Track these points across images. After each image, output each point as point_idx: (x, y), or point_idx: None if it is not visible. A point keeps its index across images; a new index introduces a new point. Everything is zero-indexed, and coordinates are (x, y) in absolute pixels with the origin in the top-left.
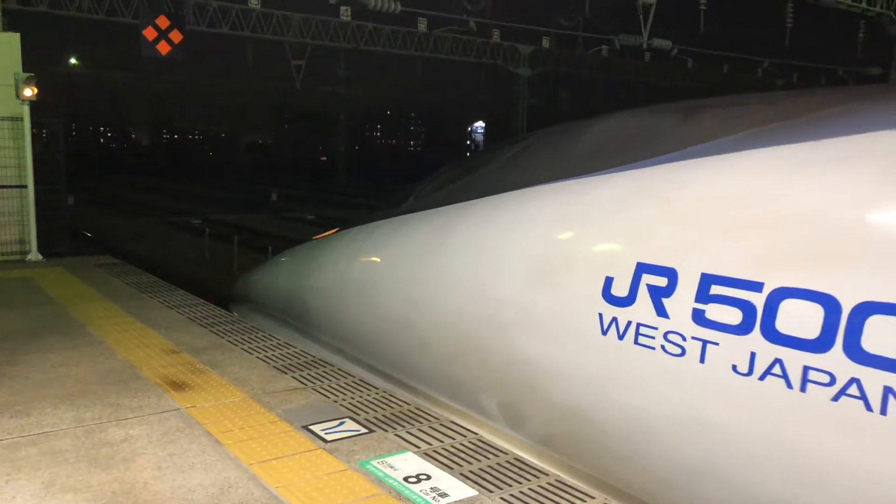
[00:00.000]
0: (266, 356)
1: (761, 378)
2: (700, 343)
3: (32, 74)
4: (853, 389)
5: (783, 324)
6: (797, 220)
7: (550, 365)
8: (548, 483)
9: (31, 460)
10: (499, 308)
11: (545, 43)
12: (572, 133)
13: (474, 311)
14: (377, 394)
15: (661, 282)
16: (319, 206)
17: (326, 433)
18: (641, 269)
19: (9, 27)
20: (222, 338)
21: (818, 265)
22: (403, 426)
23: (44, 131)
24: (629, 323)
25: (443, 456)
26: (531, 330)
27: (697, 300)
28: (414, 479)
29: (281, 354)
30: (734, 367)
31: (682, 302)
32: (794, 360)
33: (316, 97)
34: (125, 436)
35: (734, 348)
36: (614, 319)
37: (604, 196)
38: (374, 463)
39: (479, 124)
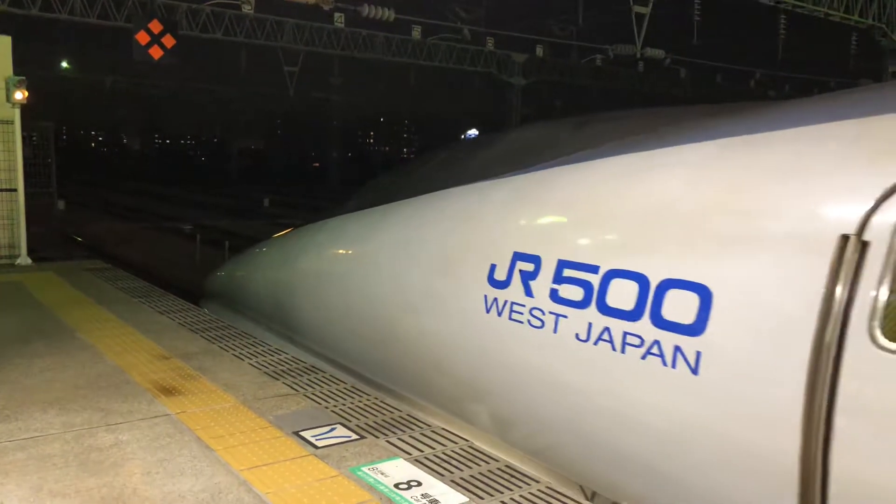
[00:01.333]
0: (257, 362)
1: (595, 343)
2: (554, 317)
3: (23, 78)
4: (655, 349)
5: (611, 299)
6: (623, 216)
7: (449, 341)
8: (538, 490)
9: (19, 465)
10: (412, 295)
11: (539, 52)
12: (485, 143)
13: (395, 300)
14: (368, 400)
15: (530, 267)
16: (312, 212)
17: (317, 439)
18: (516, 257)
19: None
20: (213, 343)
21: (635, 250)
22: (394, 433)
23: (34, 135)
24: (505, 302)
25: (434, 462)
26: (435, 313)
27: (554, 281)
28: (405, 486)
29: (272, 360)
30: (577, 335)
31: (543, 283)
32: (618, 327)
33: (309, 103)
34: (115, 441)
35: (577, 320)
36: (495, 300)
37: (493, 198)
38: (365, 469)
39: (473, 132)
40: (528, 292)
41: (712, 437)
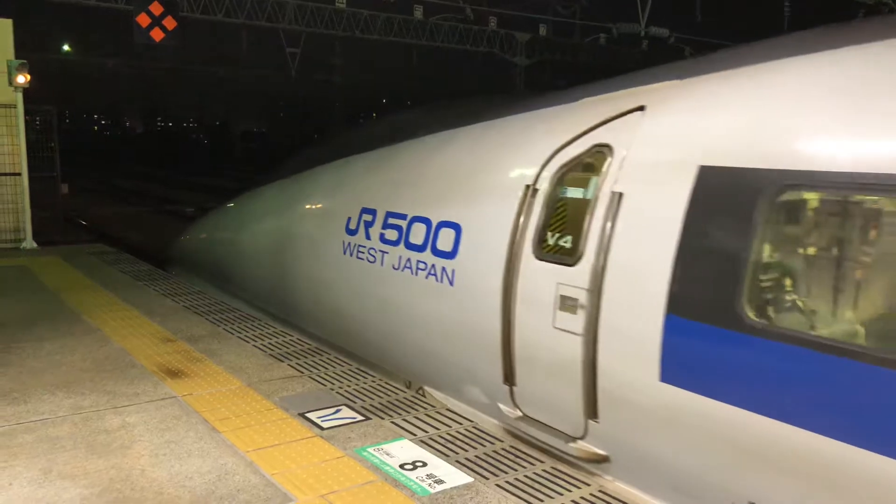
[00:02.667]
0: (263, 344)
1: (402, 270)
2: (381, 253)
3: (25, 61)
4: (433, 270)
5: (411, 238)
6: (423, 179)
7: (322, 278)
8: (543, 470)
9: (28, 447)
10: (301, 244)
11: (542, 31)
12: (371, 126)
13: (290, 249)
14: (373, 381)
15: (369, 218)
16: None
17: (323, 420)
18: (363, 211)
19: (0, 13)
20: (218, 326)
21: (426, 202)
22: (399, 414)
23: (37, 119)
24: (355, 245)
25: (439, 443)
26: (316, 257)
27: (382, 227)
28: (410, 466)
29: (278, 343)
30: (393, 266)
31: (376, 229)
32: (414, 258)
33: (311, 85)
34: (122, 423)
35: (394, 254)
36: (349, 244)
37: (354, 169)
38: (371, 450)
39: None
40: (368, 236)
41: (463, 326)
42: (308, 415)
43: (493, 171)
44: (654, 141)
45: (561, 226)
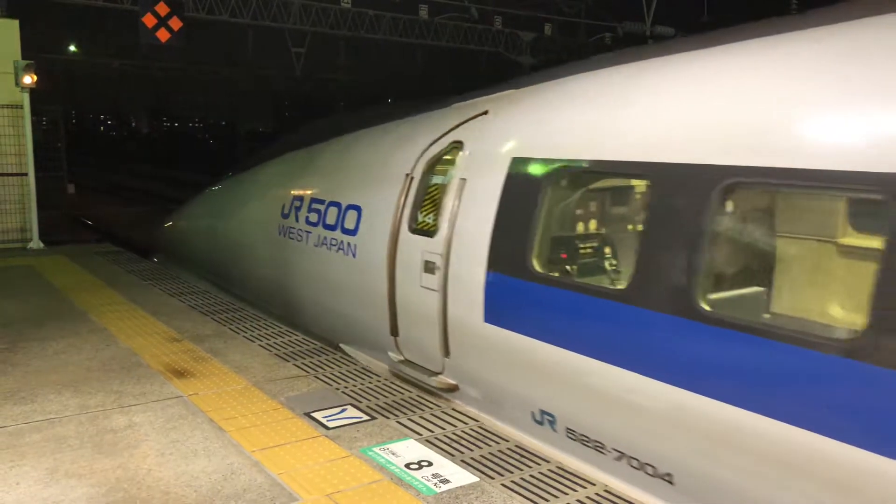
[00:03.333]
0: (268, 344)
1: (320, 247)
2: (306, 233)
3: (32, 62)
4: (342, 246)
5: (327, 219)
6: (337, 171)
7: (264, 256)
8: (548, 470)
9: (36, 446)
10: (250, 227)
11: (547, 30)
12: (313, 127)
13: (243, 233)
14: (379, 381)
15: (299, 204)
16: None
17: (328, 420)
18: (294, 198)
19: (7, 13)
20: (224, 326)
21: (339, 190)
22: (405, 413)
23: (44, 119)
24: (287, 227)
25: (444, 443)
26: (260, 239)
27: (308, 212)
28: (415, 466)
29: (283, 342)
30: (314, 244)
31: (303, 213)
32: (328, 236)
33: (316, 85)
34: (128, 422)
35: (315, 234)
36: (282, 226)
37: (294, 162)
38: (376, 450)
39: None
40: (297, 220)
41: (363, 291)
42: (314, 414)
43: (386, 163)
44: (488, 138)
45: (427, 206)
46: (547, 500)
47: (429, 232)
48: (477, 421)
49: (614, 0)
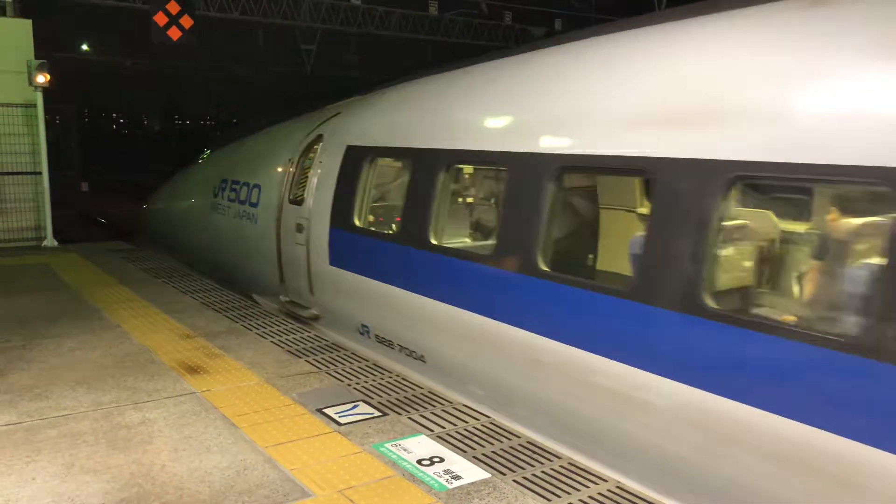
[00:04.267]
0: (280, 340)
1: (236, 218)
2: (228, 208)
3: (45, 61)
4: (249, 217)
5: (241, 196)
6: (248, 160)
7: (203, 229)
8: (560, 466)
9: (51, 442)
10: (194, 205)
11: (558, 25)
12: (256, 128)
13: (190, 212)
14: (390, 377)
15: (225, 185)
16: None
17: (340, 416)
18: (221, 181)
19: (20, 13)
20: (237, 322)
21: (249, 173)
22: (417, 409)
23: (57, 118)
24: (216, 204)
25: (456, 439)
26: (199, 215)
27: (230, 191)
28: (427, 462)
29: (295, 339)
30: (233, 216)
31: (226, 192)
32: (242, 209)
33: (327, 82)
34: (142, 419)
35: (233, 208)
36: (213, 203)
37: (229, 151)
38: (388, 445)
39: None
40: (223, 197)
41: (262, 249)
42: (326, 410)
43: (277, 152)
44: (335, 132)
45: (300, 182)
46: (559, 497)
47: (300, 202)
48: (489, 417)
49: None
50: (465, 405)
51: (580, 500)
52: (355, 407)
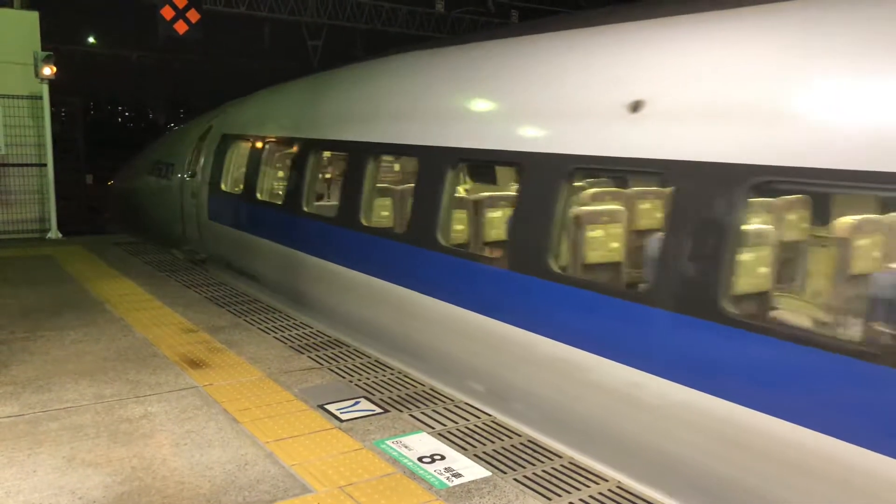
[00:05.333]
0: (283, 336)
1: (161, 190)
2: (157, 182)
3: (51, 53)
4: (169, 186)
5: (163, 172)
6: (173, 142)
7: (145, 199)
8: (561, 465)
9: (53, 435)
10: (141, 180)
11: None
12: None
13: (140, 185)
14: (392, 374)
15: (162, 165)
16: None
17: (342, 412)
18: (155, 162)
19: (27, 5)
20: (240, 317)
21: (169, 153)
22: (418, 407)
23: (63, 110)
24: (149, 179)
25: (457, 437)
26: (141, 186)
27: (165, 168)
28: (428, 459)
29: (298, 335)
30: (160, 186)
31: (163, 170)
32: (164, 183)
33: None
34: (144, 412)
35: (158, 181)
36: (148, 179)
37: (167, 139)
38: (389, 442)
39: None
40: (154, 174)
41: (174, 210)
42: (327, 406)
43: (186, 138)
44: (218, 123)
45: (196, 161)
46: (560, 496)
47: (195, 175)
48: (490, 415)
49: None
50: (466, 403)
51: (580, 500)
52: (357, 403)
